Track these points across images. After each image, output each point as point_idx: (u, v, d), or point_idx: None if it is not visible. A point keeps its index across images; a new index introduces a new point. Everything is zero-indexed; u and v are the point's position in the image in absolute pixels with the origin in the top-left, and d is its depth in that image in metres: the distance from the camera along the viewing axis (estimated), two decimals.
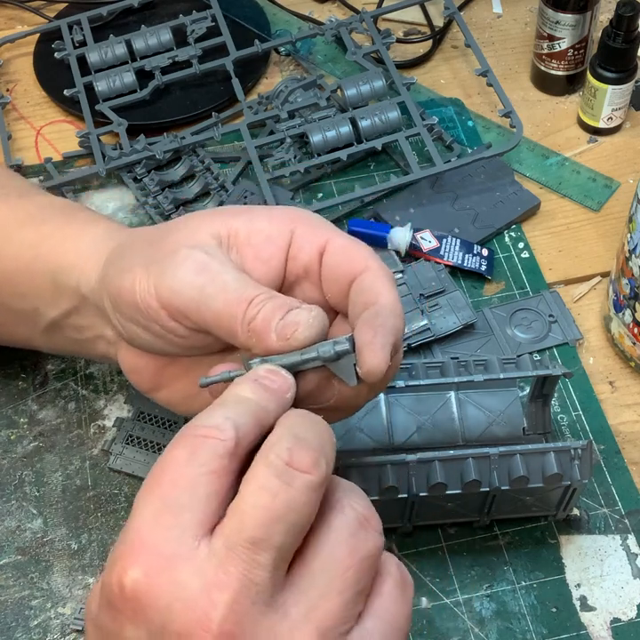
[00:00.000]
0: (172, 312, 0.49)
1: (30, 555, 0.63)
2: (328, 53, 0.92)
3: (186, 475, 0.39)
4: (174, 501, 0.38)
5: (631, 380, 0.71)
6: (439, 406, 0.63)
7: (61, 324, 0.58)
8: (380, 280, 0.48)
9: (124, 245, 0.54)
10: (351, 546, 0.39)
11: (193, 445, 0.39)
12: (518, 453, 0.57)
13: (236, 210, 0.52)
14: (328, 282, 0.50)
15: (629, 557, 0.62)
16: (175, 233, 0.51)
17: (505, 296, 0.75)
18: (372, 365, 0.44)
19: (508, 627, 0.60)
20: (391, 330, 0.45)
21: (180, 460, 0.39)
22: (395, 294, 0.48)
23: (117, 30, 0.89)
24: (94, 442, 0.67)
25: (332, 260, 0.49)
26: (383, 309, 0.46)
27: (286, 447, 0.39)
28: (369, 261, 0.49)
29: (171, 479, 0.39)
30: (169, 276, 0.48)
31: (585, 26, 0.83)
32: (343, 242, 0.50)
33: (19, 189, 0.64)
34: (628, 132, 0.86)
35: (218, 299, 0.47)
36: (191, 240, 0.50)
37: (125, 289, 0.50)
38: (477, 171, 0.81)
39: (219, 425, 0.40)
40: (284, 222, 0.51)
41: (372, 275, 0.48)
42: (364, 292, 0.48)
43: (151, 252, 0.51)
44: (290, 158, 0.80)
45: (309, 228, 0.51)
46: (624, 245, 0.66)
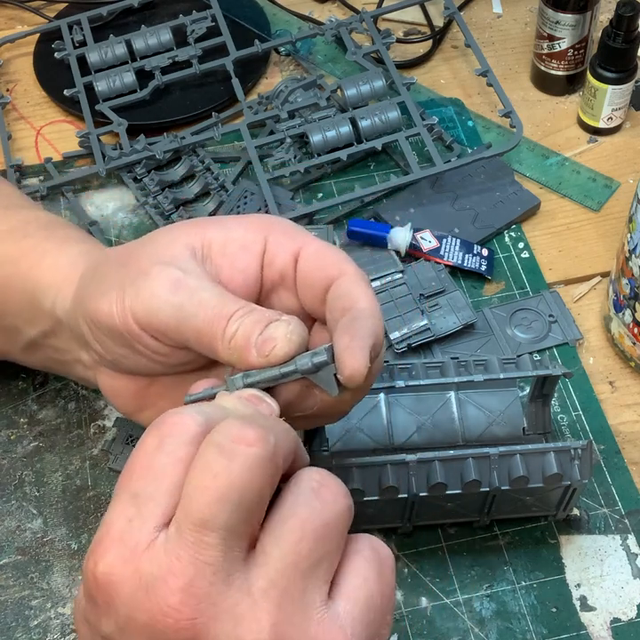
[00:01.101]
0: (151, 333, 0.48)
1: (30, 555, 0.63)
2: (328, 53, 0.92)
3: (153, 464, 0.39)
4: (142, 492, 0.38)
5: (631, 380, 0.71)
6: (439, 406, 0.63)
7: (40, 344, 0.57)
8: (356, 284, 0.48)
9: (98, 266, 0.53)
10: (303, 517, 0.39)
11: (161, 433, 0.39)
12: (518, 453, 0.57)
13: (209, 220, 0.52)
14: (303, 288, 0.49)
15: (629, 557, 0.62)
16: (148, 248, 0.51)
17: (505, 296, 0.75)
18: (352, 370, 0.44)
19: (508, 627, 0.60)
20: (369, 332, 0.45)
21: (149, 448, 0.39)
22: (371, 297, 0.47)
23: (117, 30, 0.89)
24: (94, 442, 0.67)
25: (305, 266, 0.49)
26: (360, 313, 0.46)
27: (233, 424, 0.38)
28: (343, 266, 0.48)
29: (140, 469, 0.39)
30: (145, 296, 0.48)
31: (585, 26, 0.83)
32: (317, 247, 0.49)
33: (7, 200, 0.63)
34: (628, 132, 0.86)
35: (197, 316, 0.47)
36: (164, 255, 0.49)
37: (103, 312, 0.50)
38: (477, 171, 0.81)
39: (190, 414, 0.40)
40: (258, 230, 0.50)
41: (347, 279, 0.48)
42: (340, 298, 0.47)
43: (125, 271, 0.50)
44: (290, 158, 0.80)
45: (283, 234, 0.50)
46: (624, 245, 0.66)
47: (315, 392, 0.47)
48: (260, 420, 0.41)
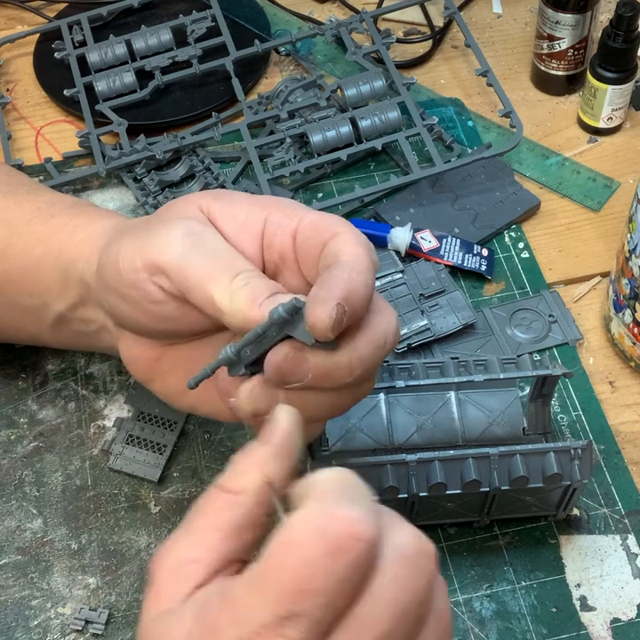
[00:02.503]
0: (152, 271, 0.48)
1: (30, 555, 0.63)
2: (328, 53, 0.92)
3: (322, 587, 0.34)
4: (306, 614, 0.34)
5: (631, 380, 0.71)
6: (439, 406, 0.63)
7: (68, 318, 0.58)
8: (344, 241, 0.46)
9: (121, 230, 0.54)
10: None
11: (334, 548, 0.34)
12: (518, 453, 0.57)
13: (218, 193, 0.52)
14: (303, 260, 0.49)
15: (629, 557, 0.62)
16: (168, 209, 0.52)
17: (505, 296, 0.75)
18: (313, 319, 0.42)
19: (508, 627, 0.60)
20: (339, 283, 0.43)
21: (319, 566, 0.34)
22: (359, 251, 0.46)
23: (117, 30, 0.89)
24: (94, 442, 0.67)
25: (302, 237, 0.49)
26: (339, 265, 0.45)
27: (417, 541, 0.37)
28: (336, 228, 0.47)
29: (303, 587, 0.34)
30: (158, 236, 0.49)
31: (585, 26, 0.83)
32: (312, 218, 0.49)
33: (26, 186, 0.64)
34: (628, 132, 0.86)
35: (205, 260, 0.47)
36: (182, 212, 0.50)
37: (110, 257, 0.51)
38: (477, 171, 0.81)
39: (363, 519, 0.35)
40: (259, 210, 0.50)
41: (338, 239, 0.47)
42: (327, 257, 0.47)
43: (141, 226, 0.51)
44: (290, 158, 0.80)
45: (280, 212, 0.50)
46: (624, 245, 0.66)
47: (304, 356, 0.45)
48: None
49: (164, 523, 0.64)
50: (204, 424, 0.68)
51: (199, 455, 0.66)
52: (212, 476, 0.65)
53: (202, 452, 0.67)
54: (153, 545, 0.63)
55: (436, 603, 0.38)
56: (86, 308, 0.57)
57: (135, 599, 0.61)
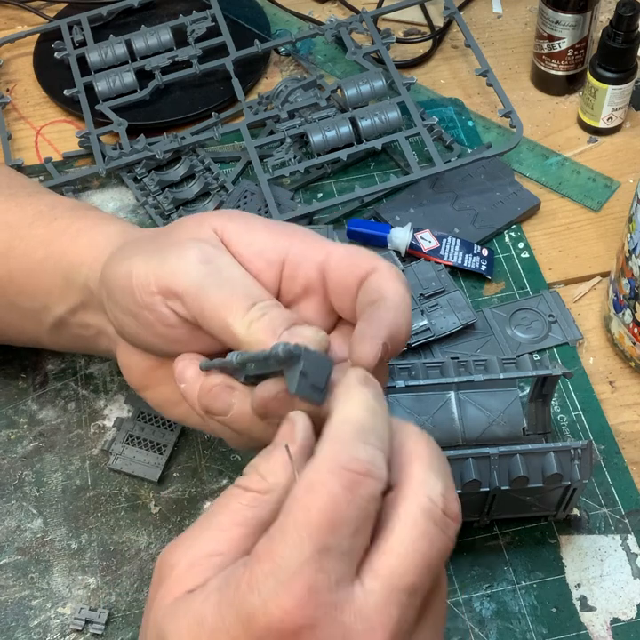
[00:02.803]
0: (168, 296, 0.48)
1: (30, 555, 0.63)
2: (328, 53, 0.92)
3: (345, 518, 0.38)
4: (335, 546, 0.37)
5: (631, 380, 0.71)
6: (439, 406, 0.63)
7: (67, 322, 0.58)
8: (386, 278, 0.47)
9: (129, 241, 0.54)
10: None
11: (351, 483, 0.38)
12: (518, 453, 0.57)
13: (234, 214, 0.52)
14: (337, 294, 0.49)
15: (629, 557, 0.62)
16: (178, 227, 0.51)
17: (505, 296, 0.75)
18: (359, 355, 0.44)
19: (508, 627, 0.60)
20: (387, 323, 0.45)
21: (338, 499, 0.38)
22: (400, 290, 0.47)
23: (117, 30, 0.89)
24: (94, 442, 0.67)
25: (338, 271, 0.48)
26: (384, 303, 0.46)
27: (441, 494, 0.40)
28: (375, 262, 0.48)
29: (328, 521, 0.37)
30: (172, 260, 0.48)
31: (585, 26, 0.83)
32: (345, 251, 0.49)
33: (27, 189, 0.64)
34: (628, 132, 0.86)
35: (222, 289, 0.47)
36: (195, 233, 0.50)
37: (120, 274, 0.50)
38: (477, 171, 0.81)
39: (374, 461, 0.39)
40: (279, 238, 0.50)
41: (378, 275, 0.47)
42: (370, 292, 0.47)
43: (153, 245, 0.51)
44: (290, 158, 0.80)
45: (304, 244, 0.50)
46: (624, 245, 0.66)
47: (293, 401, 0.45)
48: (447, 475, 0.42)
49: (164, 523, 0.64)
50: None
51: (199, 455, 0.66)
52: (211, 476, 0.65)
53: (202, 451, 0.67)
54: (153, 545, 0.63)
55: (444, 576, 0.41)
56: (87, 312, 0.57)
57: (135, 599, 0.61)
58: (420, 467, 0.40)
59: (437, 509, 0.39)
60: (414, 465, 0.41)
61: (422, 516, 0.39)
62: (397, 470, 0.41)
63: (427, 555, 0.38)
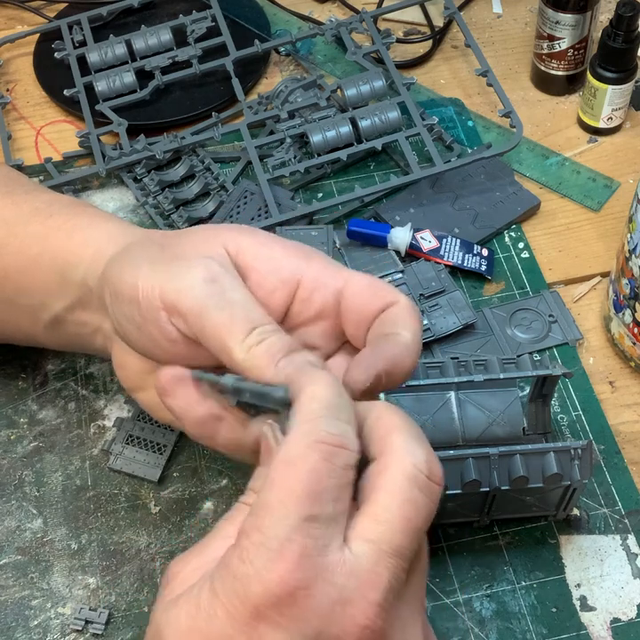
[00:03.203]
0: (172, 312, 0.48)
1: (30, 555, 0.63)
2: (328, 53, 0.92)
3: (326, 487, 0.40)
4: (320, 514, 0.40)
5: (631, 380, 0.71)
6: (439, 406, 0.63)
7: (64, 319, 0.58)
8: (405, 312, 0.48)
9: (135, 243, 0.53)
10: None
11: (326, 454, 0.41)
12: (518, 453, 0.57)
13: (244, 229, 0.52)
14: (353, 322, 0.49)
15: (629, 557, 0.62)
16: (186, 239, 0.51)
17: (505, 296, 0.75)
18: (348, 377, 0.45)
19: (508, 627, 0.60)
20: (389, 355, 0.46)
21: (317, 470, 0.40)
22: (416, 329, 0.47)
23: (117, 30, 0.89)
24: (94, 442, 0.67)
25: (358, 300, 0.49)
26: (396, 337, 0.46)
27: (424, 460, 0.42)
28: (397, 296, 0.48)
29: (310, 492, 0.40)
30: (178, 277, 0.48)
31: (585, 26, 0.83)
32: (366, 281, 0.49)
33: (24, 187, 0.64)
34: (628, 132, 0.86)
35: (223, 311, 0.47)
36: (203, 249, 0.49)
37: (127, 284, 0.50)
38: (477, 171, 0.81)
39: (345, 434, 0.41)
40: (294, 258, 0.50)
41: (399, 308, 0.48)
42: (386, 323, 0.47)
43: (160, 254, 0.50)
44: (290, 158, 0.80)
45: (323, 268, 0.50)
46: (624, 245, 0.66)
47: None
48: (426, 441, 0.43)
49: (164, 523, 0.64)
50: None
51: (199, 455, 0.66)
52: (211, 476, 0.65)
53: (202, 452, 0.67)
54: (153, 545, 0.63)
55: (425, 542, 0.43)
56: (84, 310, 0.56)
57: (135, 599, 0.61)
58: (400, 436, 0.42)
59: (421, 475, 0.41)
60: (394, 435, 0.42)
61: (407, 482, 0.41)
62: (377, 442, 0.43)
63: (412, 519, 0.40)
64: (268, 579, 0.38)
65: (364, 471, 0.42)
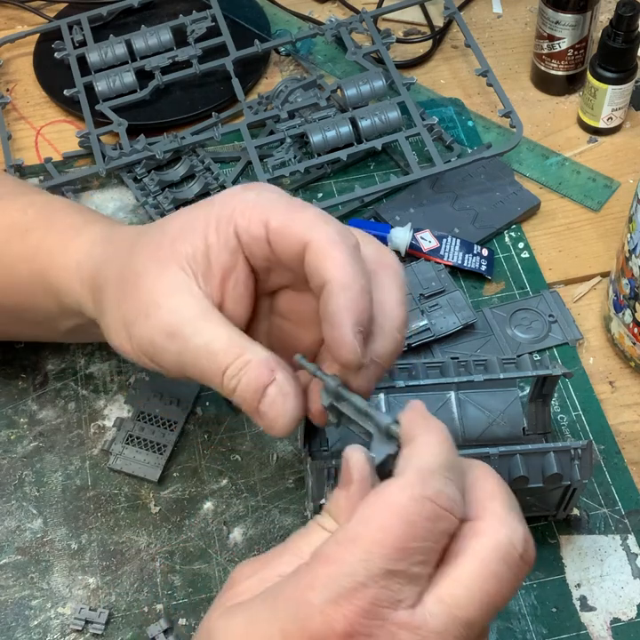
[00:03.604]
0: (144, 360, 0.50)
1: (30, 555, 0.63)
2: (328, 53, 0.92)
3: (417, 546, 0.38)
4: (403, 571, 0.38)
5: (631, 380, 0.71)
6: (439, 406, 0.63)
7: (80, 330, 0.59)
8: (320, 254, 0.45)
9: (102, 281, 0.53)
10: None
11: (434, 515, 0.39)
12: (518, 453, 0.57)
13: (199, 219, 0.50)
14: (287, 266, 0.48)
15: (629, 557, 0.62)
16: (143, 276, 0.50)
17: (505, 296, 0.75)
18: (344, 361, 0.44)
19: (508, 627, 0.60)
20: (345, 310, 0.44)
21: (415, 526, 0.38)
22: (340, 264, 0.45)
23: (117, 30, 0.89)
24: (94, 442, 0.67)
25: (275, 246, 0.47)
26: (331, 289, 0.44)
27: (523, 538, 0.40)
28: (307, 236, 0.46)
29: (402, 546, 0.38)
30: (147, 342, 0.49)
31: (585, 26, 0.83)
32: (277, 223, 0.47)
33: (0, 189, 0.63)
34: (628, 132, 0.86)
35: (195, 366, 0.48)
36: (159, 287, 0.49)
37: (119, 345, 0.51)
38: (477, 171, 0.81)
39: (456, 499, 0.40)
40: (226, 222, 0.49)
41: (312, 252, 0.46)
42: (312, 276, 0.46)
43: (125, 306, 0.50)
44: (290, 158, 0.80)
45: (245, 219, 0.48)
46: (624, 245, 0.66)
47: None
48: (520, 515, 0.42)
49: (164, 523, 0.64)
50: (204, 424, 0.68)
51: (199, 455, 0.66)
52: (211, 476, 0.65)
53: (202, 451, 0.67)
54: (153, 545, 0.63)
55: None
56: (96, 326, 0.56)
57: (135, 599, 0.61)
58: (502, 505, 0.41)
59: (515, 553, 0.39)
60: (495, 502, 0.41)
61: (497, 555, 0.39)
62: (476, 505, 0.41)
63: (493, 595, 0.39)
64: (331, 614, 0.37)
65: (456, 530, 0.40)
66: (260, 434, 0.67)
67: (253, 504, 0.64)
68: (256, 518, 0.64)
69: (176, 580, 0.62)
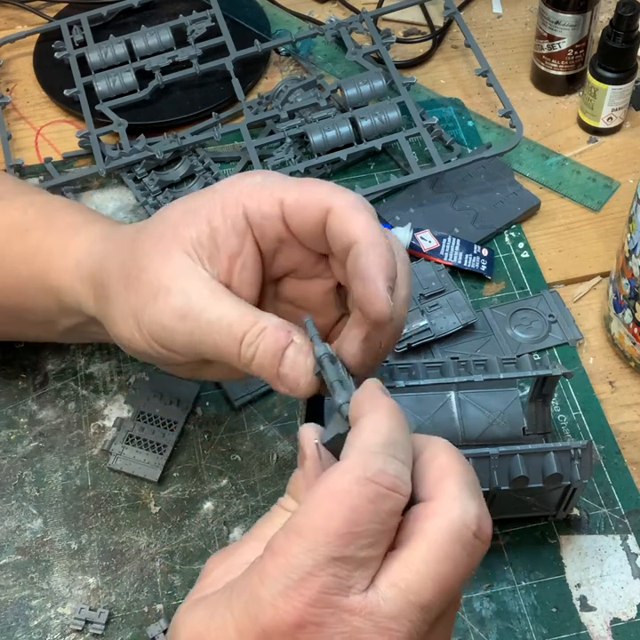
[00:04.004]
0: (172, 351, 0.50)
1: (30, 555, 0.63)
2: (328, 53, 0.92)
3: (366, 528, 0.38)
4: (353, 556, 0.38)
5: (631, 380, 0.71)
6: (439, 406, 0.63)
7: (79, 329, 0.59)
8: (343, 217, 0.46)
9: (104, 276, 0.53)
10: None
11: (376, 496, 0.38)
12: (518, 453, 0.57)
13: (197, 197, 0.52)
14: (306, 241, 0.48)
15: (629, 557, 0.62)
16: (148, 266, 0.50)
17: (505, 296, 0.75)
18: (376, 315, 0.44)
19: (508, 627, 0.60)
20: (379, 268, 0.44)
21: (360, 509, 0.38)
22: (366, 226, 0.46)
23: (117, 30, 0.89)
24: (94, 442, 0.67)
25: (294, 222, 0.48)
26: (359, 249, 0.45)
27: (475, 514, 0.39)
28: (327, 202, 0.47)
29: (348, 530, 0.38)
30: (158, 327, 0.49)
31: (585, 26, 0.83)
32: (294, 197, 0.48)
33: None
34: (628, 132, 0.86)
35: (208, 342, 0.48)
36: (164, 274, 0.49)
37: (125, 338, 0.51)
38: (477, 171, 0.81)
39: (400, 476, 0.39)
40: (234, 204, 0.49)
41: (335, 216, 0.46)
42: (336, 239, 0.46)
43: (133, 296, 0.50)
44: (290, 158, 0.80)
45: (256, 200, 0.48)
46: (624, 245, 0.66)
47: None
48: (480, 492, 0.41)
49: (164, 523, 0.64)
50: (204, 424, 0.68)
51: (199, 455, 0.66)
52: (211, 476, 0.65)
53: (202, 451, 0.67)
54: (153, 545, 0.63)
55: (460, 591, 0.41)
56: (96, 325, 0.56)
57: (135, 599, 0.61)
58: (455, 483, 0.40)
59: (468, 532, 0.39)
60: (448, 480, 0.40)
61: (451, 537, 0.39)
62: (428, 484, 0.40)
63: (448, 577, 0.38)
64: (281, 607, 0.37)
65: (408, 510, 0.40)
66: (260, 434, 0.67)
67: (253, 504, 0.64)
68: (256, 518, 0.63)
69: (176, 580, 0.62)
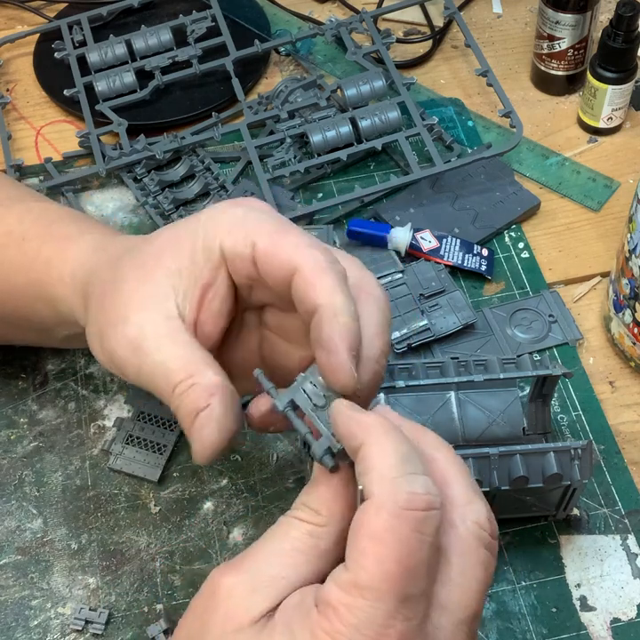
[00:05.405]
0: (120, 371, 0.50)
1: (30, 555, 0.63)
2: (328, 53, 0.92)
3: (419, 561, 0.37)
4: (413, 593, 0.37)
5: (631, 380, 0.71)
6: (439, 406, 0.63)
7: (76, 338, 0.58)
8: (309, 280, 0.44)
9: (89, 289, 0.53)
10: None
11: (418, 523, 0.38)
12: (518, 453, 0.57)
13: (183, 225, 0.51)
14: (272, 287, 0.47)
15: (629, 557, 0.62)
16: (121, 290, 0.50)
17: (505, 296, 0.75)
18: (341, 386, 0.43)
19: (508, 627, 0.60)
20: (341, 338, 0.43)
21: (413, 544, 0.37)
22: (331, 291, 0.43)
23: (117, 30, 0.89)
24: (94, 442, 0.67)
25: (261, 269, 0.46)
26: (322, 315, 0.43)
27: (486, 517, 0.40)
28: (293, 262, 0.45)
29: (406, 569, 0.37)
30: (114, 353, 0.49)
31: (585, 26, 0.83)
32: (264, 245, 0.46)
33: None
34: (628, 132, 0.86)
35: (151, 381, 0.47)
36: (134, 301, 0.49)
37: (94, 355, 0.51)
38: (477, 171, 0.81)
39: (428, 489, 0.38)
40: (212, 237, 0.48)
41: (300, 278, 0.44)
42: (301, 302, 0.45)
43: (100, 316, 0.50)
44: (290, 158, 0.80)
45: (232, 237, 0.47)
46: (624, 245, 0.66)
47: None
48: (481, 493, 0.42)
49: (164, 523, 0.64)
50: None
51: None
52: (211, 476, 0.65)
53: None
54: (153, 545, 0.63)
55: None
56: None
57: (135, 599, 0.61)
58: (462, 489, 0.40)
59: (486, 534, 0.39)
60: (454, 487, 0.40)
61: (475, 542, 0.39)
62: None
63: (483, 581, 0.39)
64: None
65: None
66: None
67: (253, 504, 0.64)
68: (256, 518, 0.64)
69: (176, 580, 0.62)
